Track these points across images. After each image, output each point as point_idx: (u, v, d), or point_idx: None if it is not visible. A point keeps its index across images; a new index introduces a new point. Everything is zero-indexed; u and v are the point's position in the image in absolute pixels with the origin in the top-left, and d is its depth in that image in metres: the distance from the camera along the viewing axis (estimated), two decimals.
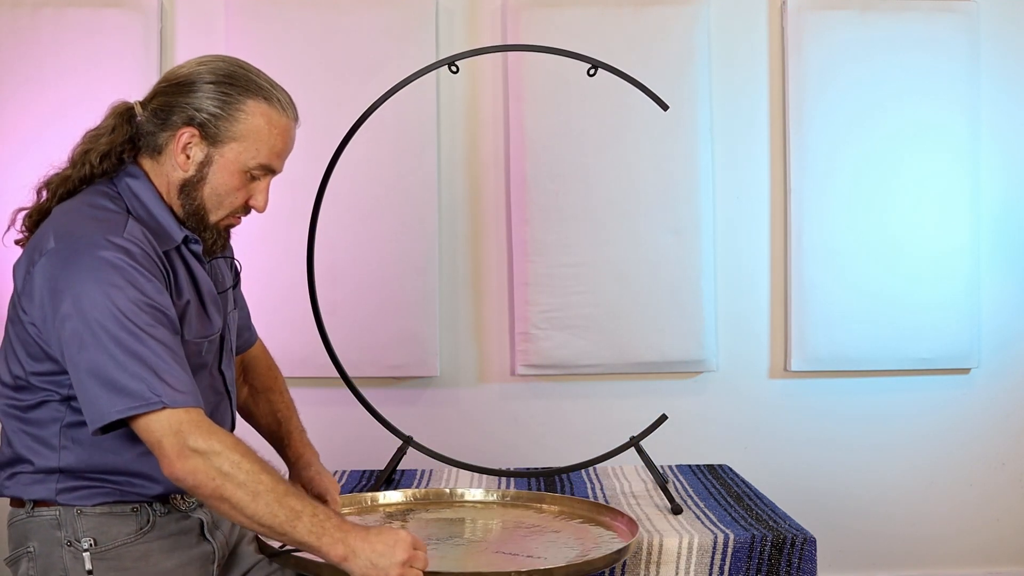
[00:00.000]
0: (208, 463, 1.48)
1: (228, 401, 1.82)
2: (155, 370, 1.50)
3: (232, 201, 1.70)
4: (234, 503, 1.48)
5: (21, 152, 3.14)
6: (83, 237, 1.55)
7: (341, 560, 1.51)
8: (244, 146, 1.66)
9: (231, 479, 1.48)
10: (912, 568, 3.50)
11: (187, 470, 1.48)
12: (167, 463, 1.50)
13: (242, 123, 1.65)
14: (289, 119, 1.71)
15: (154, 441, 1.50)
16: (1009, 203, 3.49)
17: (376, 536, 1.52)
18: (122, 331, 1.50)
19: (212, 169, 1.66)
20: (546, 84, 3.29)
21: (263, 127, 1.66)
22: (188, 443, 1.49)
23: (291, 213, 3.19)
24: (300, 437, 2.00)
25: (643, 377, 3.41)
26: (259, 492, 1.48)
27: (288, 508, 1.49)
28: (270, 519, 1.49)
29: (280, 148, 1.69)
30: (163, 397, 1.49)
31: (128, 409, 1.49)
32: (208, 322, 1.71)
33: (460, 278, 3.41)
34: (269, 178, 1.72)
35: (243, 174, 1.67)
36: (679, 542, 2.07)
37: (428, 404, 3.40)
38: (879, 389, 3.48)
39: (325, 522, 1.51)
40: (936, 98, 3.38)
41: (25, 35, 3.19)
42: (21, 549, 1.65)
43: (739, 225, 3.45)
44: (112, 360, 1.49)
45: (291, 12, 3.27)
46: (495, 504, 2.14)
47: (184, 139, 1.65)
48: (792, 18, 3.37)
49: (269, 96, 1.68)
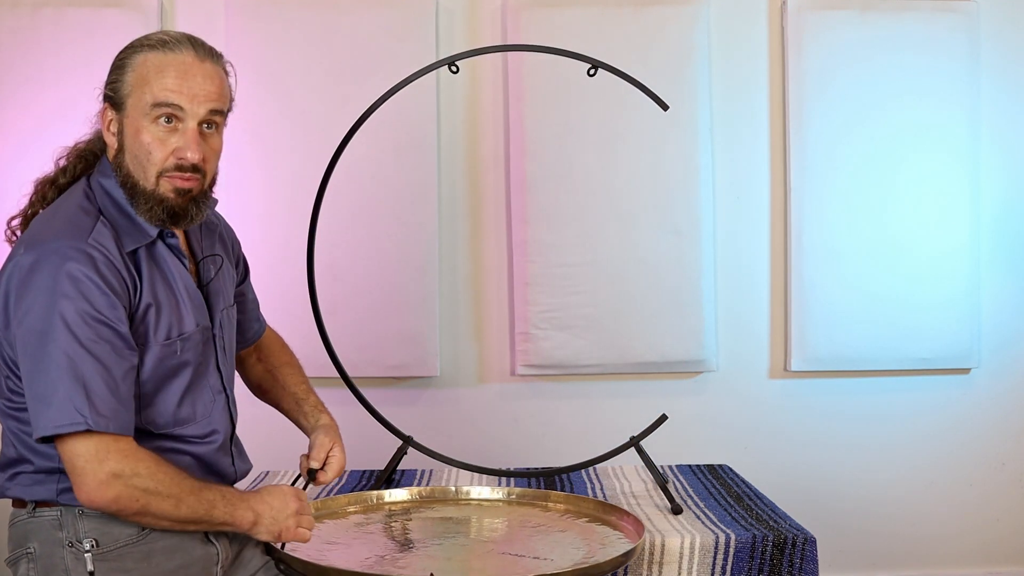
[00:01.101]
0: (131, 486, 1.54)
1: (226, 398, 1.81)
2: (87, 391, 1.51)
3: (153, 159, 1.64)
4: (158, 514, 1.58)
5: (21, 152, 3.14)
6: (46, 245, 1.56)
7: (252, 525, 1.67)
8: (137, 97, 1.64)
9: (156, 495, 1.56)
10: (912, 568, 3.50)
11: (108, 498, 1.54)
12: (85, 490, 1.53)
13: (130, 77, 1.65)
14: (180, 55, 1.64)
15: (75, 466, 1.53)
16: (1009, 203, 3.49)
17: (268, 495, 1.70)
18: (63, 347, 1.52)
19: (126, 135, 1.66)
20: (546, 84, 3.29)
21: (149, 71, 1.63)
22: (111, 470, 1.52)
23: (291, 213, 3.19)
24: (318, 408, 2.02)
25: (643, 377, 3.41)
26: (181, 498, 1.59)
27: (206, 501, 1.62)
28: (193, 516, 1.61)
29: (172, 84, 1.63)
30: (88, 419, 1.51)
31: (55, 428, 1.51)
32: (183, 319, 1.69)
33: (460, 278, 3.41)
34: (190, 124, 1.64)
35: (150, 125, 1.63)
36: (681, 542, 2.07)
37: (428, 404, 3.40)
38: (879, 389, 3.48)
39: (233, 500, 1.66)
40: (936, 98, 3.38)
41: (25, 35, 3.19)
42: (21, 550, 1.64)
43: (739, 225, 3.45)
44: (47, 376, 1.52)
45: (291, 12, 3.27)
46: (500, 502, 2.13)
47: (107, 117, 1.67)
48: (792, 18, 3.37)
49: (156, 44, 1.65)
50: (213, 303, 1.79)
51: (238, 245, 2.00)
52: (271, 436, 2.84)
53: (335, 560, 1.76)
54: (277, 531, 1.69)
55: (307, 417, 1.99)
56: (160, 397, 1.68)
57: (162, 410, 1.68)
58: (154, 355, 1.65)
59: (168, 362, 1.66)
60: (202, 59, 1.66)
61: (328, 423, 1.97)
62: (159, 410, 1.68)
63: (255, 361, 2.09)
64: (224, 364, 1.81)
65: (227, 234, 1.95)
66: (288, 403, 2.03)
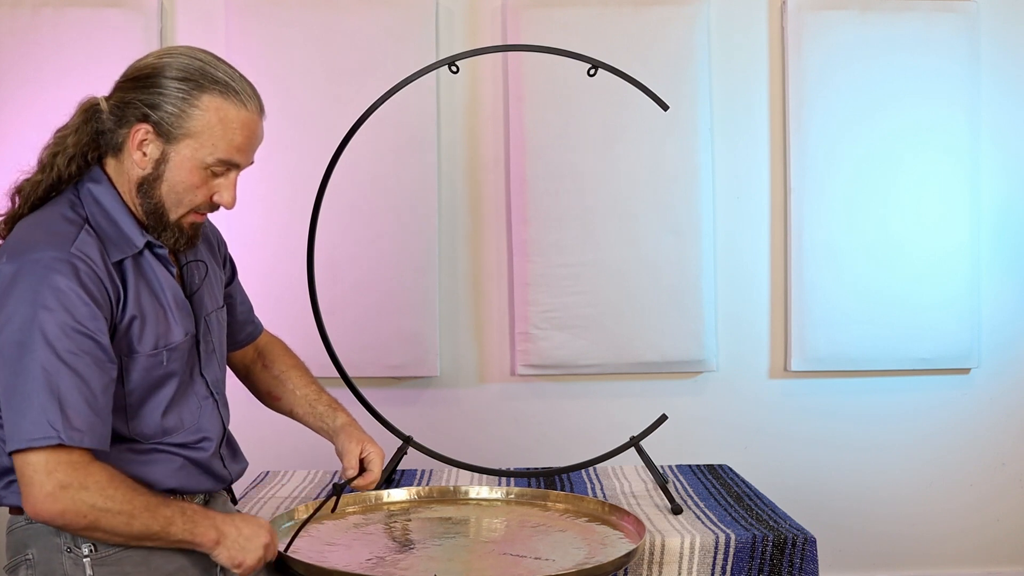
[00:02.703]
0: (78, 500, 1.50)
1: (215, 403, 1.79)
2: (62, 405, 1.49)
3: (192, 199, 1.65)
4: (109, 531, 1.54)
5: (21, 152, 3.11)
6: (28, 254, 1.54)
7: (214, 544, 1.61)
8: (200, 142, 1.61)
9: (106, 511, 1.52)
10: (912, 568, 3.50)
11: (55, 511, 1.50)
12: (31, 502, 1.50)
13: (197, 119, 1.60)
14: (250, 112, 1.65)
15: (24, 475, 1.51)
16: (1009, 203, 3.50)
17: (242, 522, 1.64)
18: (40, 359, 1.49)
19: (169, 166, 1.62)
20: (546, 84, 3.29)
21: (219, 122, 1.61)
22: (60, 482, 1.49)
23: (291, 213, 3.19)
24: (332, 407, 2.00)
25: (643, 377, 3.41)
26: (134, 514, 1.54)
27: (162, 518, 1.57)
28: (147, 533, 1.56)
29: (240, 143, 1.64)
30: (61, 433, 1.49)
31: (28, 441, 1.48)
32: (170, 329, 1.67)
33: (460, 278, 3.41)
34: (235, 173, 1.67)
35: (201, 171, 1.63)
36: (681, 542, 2.07)
37: (428, 404, 3.40)
38: (879, 389, 3.48)
39: (194, 517, 1.60)
40: (936, 98, 3.38)
41: (25, 35, 3.19)
42: (20, 556, 1.64)
43: (739, 225, 3.45)
44: (23, 388, 1.50)
45: (291, 12, 3.27)
46: (500, 502, 2.13)
47: (139, 136, 1.61)
48: (792, 18, 3.37)
49: (226, 90, 1.62)
50: (198, 309, 1.76)
51: (224, 245, 1.96)
52: (271, 436, 2.84)
53: (336, 561, 1.75)
54: (240, 559, 1.62)
55: (323, 419, 1.98)
56: (146, 408, 1.66)
57: (149, 421, 1.66)
58: (140, 366, 1.63)
59: (154, 372, 1.64)
60: (262, 115, 1.68)
61: (346, 421, 1.96)
62: (146, 421, 1.66)
63: (261, 368, 2.07)
64: (208, 370, 1.78)
65: (213, 235, 1.92)
66: (302, 408, 2.01)
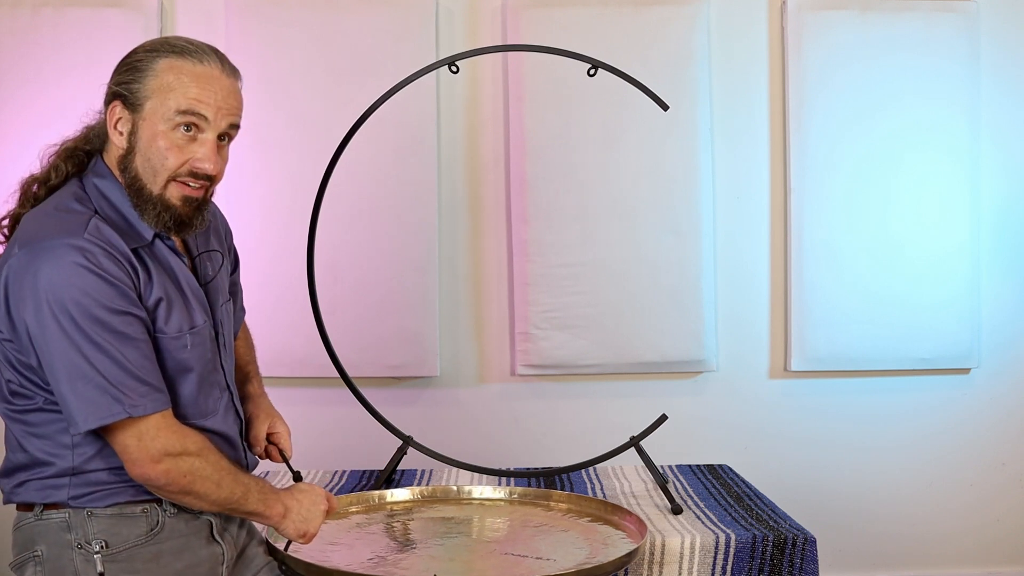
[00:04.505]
0: (179, 464, 1.59)
1: (230, 395, 1.80)
2: (114, 381, 1.54)
3: (166, 164, 1.63)
4: (201, 494, 1.62)
5: (21, 152, 3.13)
6: (43, 243, 1.54)
7: (281, 518, 1.71)
8: (159, 100, 1.62)
9: (200, 474, 1.61)
10: (912, 568, 3.50)
11: (158, 472, 1.58)
12: (136, 466, 1.57)
13: (152, 79, 1.62)
14: (206, 66, 1.64)
15: (120, 446, 1.57)
16: (1009, 203, 3.50)
17: (301, 494, 1.76)
18: (84, 340, 1.52)
19: (139, 136, 1.63)
20: (546, 84, 3.29)
21: (174, 78, 1.62)
22: (158, 447, 1.57)
23: (291, 213, 3.19)
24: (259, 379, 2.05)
25: (643, 377, 3.41)
26: (222, 481, 1.63)
27: (242, 486, 1.67)
28: (230, 498, 1.65)
29: (196, 93, 1.62)
30: (125, 406, 1.54)
31: (98, 420, 1.53)
32: (189, 316, 1.68)
33: (460, 278, 3.41)
34: (209, 134, 1.65)
35: (169, 132, 1.62)
36: (681, 542, 2.07)
37: (428, 404, 3.40)
38: (879, 389, 3.48)
39: (265, 488, 1.71)
40: (936, 98, 3.38)
41: (25, 35, 3.18)
42: (27, 553, 1.64)
43: (739, 225, 3.45)
44: (76, 369, 1.53)
45: (291, 12, 3.27)
46: (502, 502, 2.13)
47: (116, 115, 1.64)
48: (792, 18, 3.37)
49: (181, 51, 1.64)
50: (213, 300, 1.78)
51: (231, 235, 1.98)
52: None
53: (338, 561, 1.76)
54: (304, 529, 1.73)
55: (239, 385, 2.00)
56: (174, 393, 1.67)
57: (180, 403, 1.67)
58: (165, 348, 1.64)
59: (178, 356, 1.66)
60: (228, 74, 1.68)
61: (258, 392, 2.00)
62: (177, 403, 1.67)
63: None
64: (227, 361, 1.81)
65: (221, 226, 1.94)
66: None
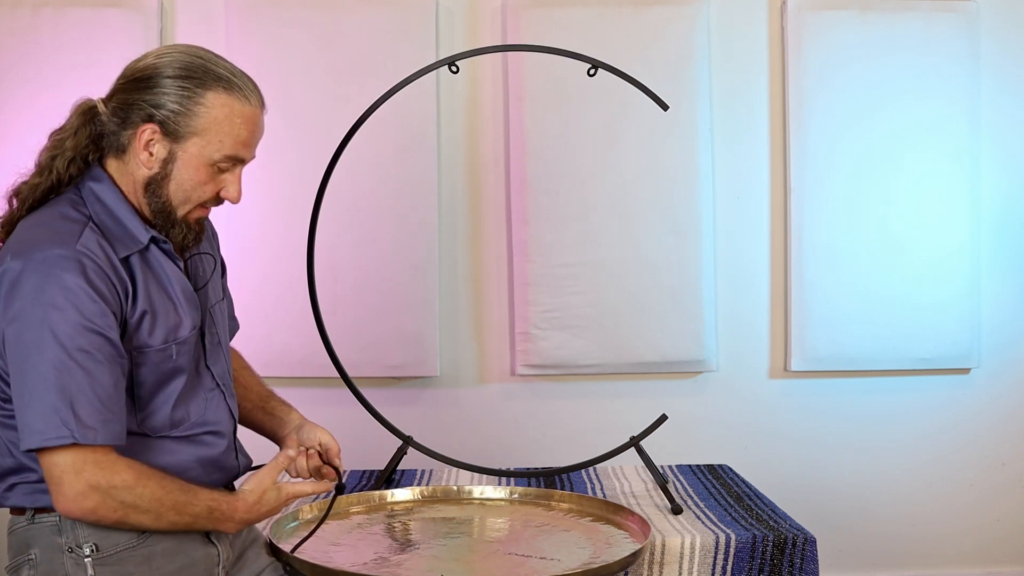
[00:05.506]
0: (108, 498, 1.54)
1: (222, 394, 1.79)
2: (73, 403, 1.51)
3: (199, 195, 1.66)
4: (137, 526, 1.59)
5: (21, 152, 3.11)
6: (33, 254, 1.54)
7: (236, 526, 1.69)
8: (207, 139, 1.62)
9: (135, 508, 1.56)
10: (912, 568, 3.50)
11: (86, 509, 1.54)
12: (63, 500, 1.53)
13: (202, 117, 1.61)
14: (253, 106, 1.67)
15: (53, 475, 1.53)
16: (1009, 203, 3.50)
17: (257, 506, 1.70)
18: (50, 358, 1.50)
19: (176, 165, 1.63)
20: (546, 84, 3.29)
21: (224, 119, 1.63)
22: (89, 482, 1.52)
23: (291, 213, 3.19)
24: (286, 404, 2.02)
25: (643, 377, 3.41)
26: (162, 513, 1.58)
27: (189, 516, 1.62)
28: (174, 528, 1.62)
29: (245, 137, 1.66)
30: (74, 432, 1.50)
31: (41, 441, 1.50)
32: (180, 323, 1.68)
33: (460, 278, 3.41)
34: (239, 168, 1.69)
35: (208, 167, 1.64)
36: (681, 542, 2.07)
37: (428, 404, 3.40)
38: (879, 389, 3.48)
39: (215, 512, 1.65)
40: (936, 98, 3.38)
41: (25, 35, 3.18)
42: (22, 557, 1.64)
43: (739, 225, 3.45)
44: (34, 388, 1.51)
45: (291, 12, 3.27)
46: (503, 502, 2.13)
47: (146, 137, 1.62)
48: (792, 18, 3.37)
49: (229, 85, 1.64)
50: (204, 302, 1.78)
51: (217, 238, 1.97)
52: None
53: (341, 562, 1.75)
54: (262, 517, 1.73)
55: (274, 413, 1.98)
56: (156, 402, 1.66)
57: (159, 415, 1.67)
58: (150, 360, 1.63)
59: (163, 367, 1.65)
60: (263, 109, 1.70)
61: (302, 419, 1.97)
62: (156, 415, 1.66)
63: None
64: (214, 362, 1.79)
65: (212, 229, 1.93)
66: (250, 402, 2.00)
